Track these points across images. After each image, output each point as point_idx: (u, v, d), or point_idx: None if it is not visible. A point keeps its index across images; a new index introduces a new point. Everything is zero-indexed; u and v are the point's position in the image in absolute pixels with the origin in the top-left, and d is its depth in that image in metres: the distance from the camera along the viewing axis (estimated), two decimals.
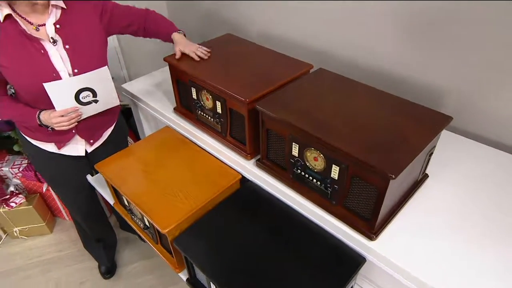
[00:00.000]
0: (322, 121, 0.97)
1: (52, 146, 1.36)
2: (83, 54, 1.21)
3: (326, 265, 0.97)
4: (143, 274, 1.93)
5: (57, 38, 1.17)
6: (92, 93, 1.22)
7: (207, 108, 1.27)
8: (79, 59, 1.20)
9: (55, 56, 1.17)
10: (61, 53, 1.18)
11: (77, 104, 1.22)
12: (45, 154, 1.38)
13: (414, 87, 1.36)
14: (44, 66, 1.16)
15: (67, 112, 1.20)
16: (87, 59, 1.22)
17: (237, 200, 1.19)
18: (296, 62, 1.27)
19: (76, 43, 1.20)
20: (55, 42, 1.17)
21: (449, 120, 0.96)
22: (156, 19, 1.42)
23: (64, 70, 1.19)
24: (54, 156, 1.38)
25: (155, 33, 1.43)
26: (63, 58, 1.18)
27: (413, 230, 0.96)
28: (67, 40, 1.18)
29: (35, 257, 2.05)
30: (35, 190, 2.10)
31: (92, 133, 1.39)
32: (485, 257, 0.88)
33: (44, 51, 1.15)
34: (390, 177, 0.80)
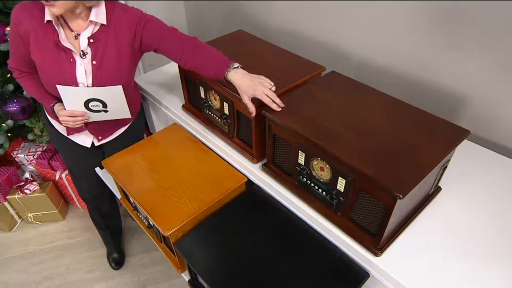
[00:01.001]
0: (330, 130, 0.93)
1: (63, 130, 1.40)
2: (107, 73, 1.20)
3: (328, 277, 0.95)
4: (150, 265, 1.95)
5: (87, 51, 1.17)
6: (102, 104, 1.22)
7: (214, 108, 1.25)
8: (101, 76, 1.20)
9: (80, 68, 1.18)
10: (86, 67, 1.18)
11: (86, 110, 1.22)
12: (59, 134, 1.42)
13: (431, 90, 1.29)
14: (68, 73, 1.18)
15: (74, 114, 1.22)
16: (109, 79, 1.20)
17: (242, 204, 1.17)
18: (307, 64, 1.22)
19: (103, 60, 1.18)
20: (85, 55, 1.17)
21: (466, 134, 0.90)
22: (197, 51, 1.15)
23: (83, 83, 1.20)
24: (67, 139, 1.42)
25: (197, 69, 1.16)
26: (87, 72, 1.19)
27: (420, 248, 0.92)
28: (96, 55, 1.17)
29: (48, 243, 2.11)
30: (48, 177, 2.14)
31: (102, 131, 1.40)
32: (497, 281, 0.83)
33: (73, 60, 1.17)
34: (397, 196, 0.76)
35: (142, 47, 1.23)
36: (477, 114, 1.21)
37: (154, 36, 1.20)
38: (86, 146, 1.43)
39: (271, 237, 1.06)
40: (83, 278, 1.92)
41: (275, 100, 1.01)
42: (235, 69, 1.07)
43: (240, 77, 1.04)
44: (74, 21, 1.15)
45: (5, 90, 1.77)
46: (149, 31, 1.19)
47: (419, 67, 1.30)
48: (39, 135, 2.06)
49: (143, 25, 1.19)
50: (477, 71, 1.15)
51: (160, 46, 1.20)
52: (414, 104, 1.01)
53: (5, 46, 1.68)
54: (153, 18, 1.21)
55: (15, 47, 1.20)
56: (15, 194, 2.04)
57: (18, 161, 2.22)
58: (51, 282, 1.91)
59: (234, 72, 1.06)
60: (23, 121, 1.98)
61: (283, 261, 0.99)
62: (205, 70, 1.13)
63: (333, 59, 1.57)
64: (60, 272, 1.95)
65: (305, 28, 1.62)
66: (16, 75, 1.28)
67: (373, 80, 1.44)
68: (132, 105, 1.40)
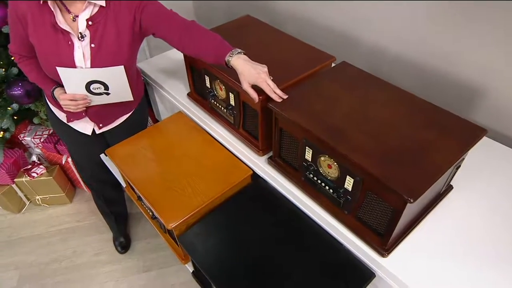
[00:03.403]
0: (339, 126, 0.90)
1: (63, 117, 1.37)
2: (106, 56, 1.15)
3: (333, 274, 0.94)
4: (156, 249, 1.97)
5: (86, 33, 1.13)
6: (104, 86, 1.18)
7: (220, 98, 1.21)
8: (100, 60, 1.15)
9: (78, 51, 1.14)
10: (84, 50, 1.14)
11: (87, 93, 1.19)
12: (60, 121, 1.40)
13: (446, 81, 1.23)
14: (66, 56, 1.14)
15: (75, 97, 1.19)
16: (108, 62, 1.16)
17: (246, 197, 1.15)
18: (317, 53, 1.17)
19: (102, 43, 1.14)
20: (83, 37, 1.13)
21: (482, 134, 0.86)
22: (195, 36, 1.11)
23: (82, 67, 1.16)
24: (67, 126, 1.40)
25: (197, 54, 1.13)
26: (85, 55, 1.15)
27: (429, 249, 0.89)
28: (95, 38, 1.13)
29: (55, 226, 2.13)
30: (55, 161, 2.15)
31: (103, 119, 1.37)
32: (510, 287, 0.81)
33: (71, 42, 1.13)
34: (408, 201, 0.73)
35: (142, 30, 1.19)
36: (495, 107, 1.15)
37: (153, 19, 1.16)
38: (86, 133, 1.41)
39: (275, 232, 1.04)
40: (90, 260, 1.95)
41: (276, 90, 0.99)
42: (238, 54, 1.02)
43: (242, 62, 1.00)
44: (72, 3, 1.10)
45: (10, 73, 1.74)
46: (147, 14, 1.15)
47: (434, 56, 1.23)
48: (44, 119, 2.05)
49: (142, 8, 1.15)
50: (497, 62, 1.09)
51: (158, 30, 1.16)
52: (428, 96, 0.97)
53: (7, 28, 1.65)
54: (153, 1, 1.17)
55: (14, 31, 1.16)
56: (23, 177, 2.05)
57: (25, 143, 2.22)
58: (59, 264, 1.94)
59: (237, 58, 1.02)
60: (28, 105, 1.97)
61: (287, 257, 0.98)
62: (205, 55, 1.09)
63: (343, 46, 1.50)
64: (67, 254, 1.98)
65: (315, 13, 1.55)
66: (16, 59, 1.25)
67: (384, 69, 1.38)
68: (134, 92, 1.37)
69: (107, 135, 1.46)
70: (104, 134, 1.45)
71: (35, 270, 1.92)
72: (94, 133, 1.41)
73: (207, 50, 1.08)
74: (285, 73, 1.08)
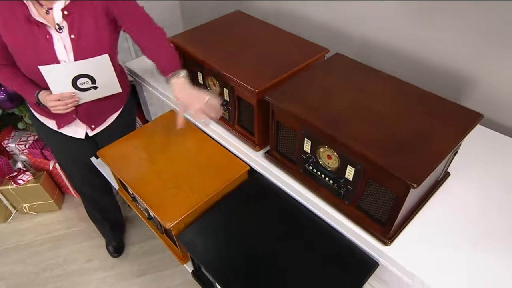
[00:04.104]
0: (337, 116, 0.89)
1: (53, 124, 1.33)
2: (88, 46, 1.12)
3: (336, 266, 0.93)
4: (151, 253, 1.94)
5: (63, 25, 1.09)
6: (91, 80, 1.15)
7: None
8: (83, 50, 1.12)
9: (58, 44, 1.10)
10: (65, 41, 1.10)
11: (74, 89, 1.15)
12: (49, 129, 1.35)
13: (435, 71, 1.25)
14: (46, 52, 1.09)
15: (63, 96, 1.15)
16: (91, 52, 1.12)
17: (244, 193, 1.13)
18: (310, 46, 1.17)
19: (82, 33, 1.10)
20: (61, 29, 1.09)
21: (479, 118, 0.87)
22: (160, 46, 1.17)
23: (65, 60, 1.12)
24: (57, 133, 1.35)
25: (151, 59, 1.19)
26: (67, 47, 1.11)
27: (430, 236, 0.90)
28: (73, 28, 1.09)
29: (44, 233, 2.08)
30: (42, 167, 2.09)
31: (94, 119, 1.33)
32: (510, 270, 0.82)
33: (49, 36, 1.09)
34: (411, 186, 0.73)
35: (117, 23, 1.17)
36: (482, 95, 1.17)
37: (121, 12, 1.14)
38: (79, 137, 1.37)
39: (275, 226, 1.03)
40: (82, 267, 1.90)
41: (209, 113, 1.06)
42: (180, 77, 1.10)
43: (181, 86, 1.08)
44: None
45: None
46: (117, 5, 1.13)
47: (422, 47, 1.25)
48: (29, 123, 1.99)
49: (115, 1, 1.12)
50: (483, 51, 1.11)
51: (125, 24, 1.16)
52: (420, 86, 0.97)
53: None
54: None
55: None
56: (8, 184, 1.98)
57: (9, 150, 2.16)
58: (50, 273, 1.88)
59: (177, 79, 1.09)
60: (12, 110, 1.91)
61: (289, 251, 0.97)
62: (159, 65, 1.16)
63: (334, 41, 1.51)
64: (58, 262, 1.93)
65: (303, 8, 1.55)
66: None
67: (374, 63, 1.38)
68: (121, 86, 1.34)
69: (98, 138, 1.42)
70: (95, 138, 1.41)
71: (24, 280, 1.86)
72: (87, 136, 1.38)
73: (162, 61, 1.15)
74: (279, 66, 1.07)
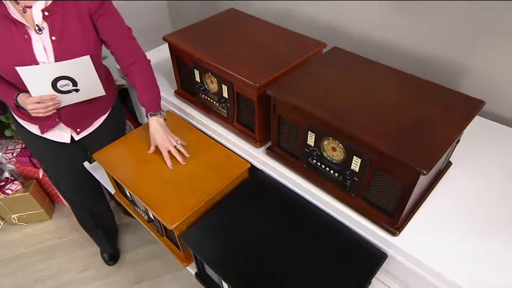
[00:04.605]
0: (341, 108, 0.89)
1: (36, 129, 1.28)
2: (71, 48, 1.08)
3: (344, 260, 0.92)
4: (148, 259, 1.89)
5: (43, 26, 1.04)
6: (72, 82, 1.10)
7: (212, 92, 1.18)
8: (64, 53, 1.07)
9: (37, 45, 1.05)
10: (45, 43, 1.06)
11: (55, 92, 1.10)
12: (33, 135, 1.30)
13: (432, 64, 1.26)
14: (25, 53, 1.05)
15: (43, 99, 1.09)
16: (73, 55, 1.08)
17: (247, 191, 1.11)
18: (307, 40, 1.17)
19: (64, 35, 1.06)
20: (41, 30, 1.04)
21: (481, 105, 0.88)
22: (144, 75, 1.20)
23: (45, 62, 1.07)
24: (41, 138, 1.30)
25: (134, 88, 1.21)
26: (47, 49, 1.06)
27: (436, 225, 0.89)
28: (54, 30, 1.05)
29: (35, 244, 2.01)
30: (31, 176, 2.02)
31: (79, 122, 1.29)
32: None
33: (27, 36, 1.04)
34: (421, 172, 0.73)
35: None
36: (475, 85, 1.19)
37: (108, 34, 1.14)
38: (65, 142, 1.32)
39: (280, 222, 1.01)
40: (76, 278, 1.84)
41: (175, 156, 1.13)
42: (160, 117, 1.16)
43: (158, 126, 1.13)
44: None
45: None
46: (104, 25, 1.13)
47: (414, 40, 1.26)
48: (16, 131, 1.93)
49: (99, 16, 1.11)
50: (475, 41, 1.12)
51: (110, 46, 1.17)
52: None
53: None
54: (115, 14, 1.15)
55: None
56: None
57: None
58: (43, 285, 1.82)
59: (157, 119, 1.14)
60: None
61: (295, 246, 0.95)
62: (139, 95, 1.18)
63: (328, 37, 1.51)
64: (51, 273, 1.87)
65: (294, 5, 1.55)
66: None
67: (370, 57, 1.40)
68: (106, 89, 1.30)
69: (86, 142, 1.38)
70: (82, 142, 1.37)
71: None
72: (73, 140, 1.33)
73: (144, 95, 1.18)
74: (278, 61, 1.06)
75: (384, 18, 1.30)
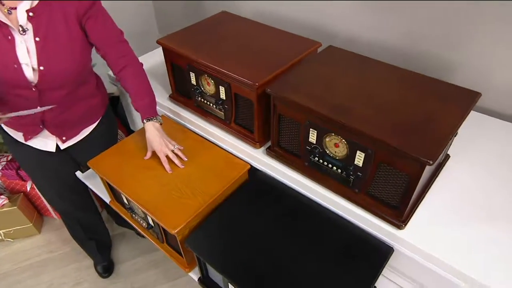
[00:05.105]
0: (341, 104, 0.89)
1: (21, 136, 1.24)
2: (54, 51, 1.05)
3: (351, 256, 0.91)
4: (144, 270, 1.84)
5: (27, 27, 1.02)
6: None
7: (208, 94, 1.17)
8: (48, 55, 1.04)
9: (21, 46, 1.02)
10: (28, 44, 1.03)
11: None
12: (18, 143, 1.26)
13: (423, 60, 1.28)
14: (7, 54, 1.02)
15: None
16: (58, 57, 1.06)
17: (247, 192, 1.10)
18: (302, 40, 1.17)
19: (49, 37, 1.03)
20: (24, 31, 1.01)
21: (478, 96, 0.89)
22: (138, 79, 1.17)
23: (28, 64, 1.04)
24: (27, 147, 1.26)
25: (128, 93, 1.18)
26: (30, 50, 1.03)
27: (441, 216, 0.90)
28: (39, 31, 1.02)
29: (24, 261, 1.93)
30: (18, 189, 1.95)
31: (64, 130, 1.25)
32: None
33: (11, 37, 1.01)
34: (427, 163, 0.73)
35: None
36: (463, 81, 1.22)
37: (98, 38, 1.12)
38: (50, 150, 1.27)
39: (283, 222, 1.01)
40: None
41: (173, 160, 1.12)
42: (156, 122, 1.14)
43: (154, 131, 1.12)
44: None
45: None
46: (93, 29, 1.10)
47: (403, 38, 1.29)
48: (1, 143, 1.87)
49: (88, 18, 1.08)
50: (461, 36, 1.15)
51: (101, 48, 1.14)
52: None
53: None
54: (105, 16, 1.13)
55: None
56: None
57: None
58: None
59: (153, 124, 1.13)
60: None
61: (300, 245, 0.95)
62: (134, 100, 1.15)
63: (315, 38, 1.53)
64: None
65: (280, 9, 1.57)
66: None
67: None
68: (95, 98, 1.28)
69: (73, 151, 1.34)
70: (69, 151, 1.33)
71: None
72: (59, 149, 1.29)
73: (140, 99, 1.15)
74: (275, 61, 1.06)
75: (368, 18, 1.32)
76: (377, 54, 1.37)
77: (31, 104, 1.12)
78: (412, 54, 1.29)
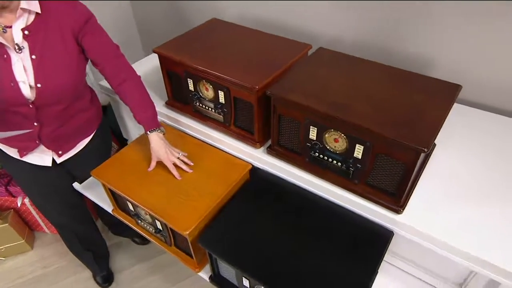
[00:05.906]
0: (338, 102, 0.96)
1: (15, 152, 1.24)
2: (51, 68, 1.06)
3: (355, 244, 0.98)
4: (143, 276, 1.85)
5: (23, 45, 1.02)
6: None
7: (207, 99, 1.21)
8: (44, 72, 1.05)
9: (17, 65, 1.03)
10: (25, 62, 1.03)
11: None
12: (13, 159, 1.25)
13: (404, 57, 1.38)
14: (3, 72, 1.02)
15: None
16: (54, 74, 1.07)
17: (250, 191, 1.15)
18: (293, 43, 1.24)
19: (45, 54, 1.04)
20: (20, 49, 1.02)
21: (459, 88, 0.98)
22: (138, 92, 1.19)
23: (25, 82, 1.04)
24: (22, 162, 1.25)
25: (128, 106, 1.20)
26: (27, 68, 1.04)
27: (435, 199, 0.98)
28: (35, 49, 1.03)
29: (17, 279, 1.89)
30: (7, 206, 1.91)
31: (61, 144, 1.26)
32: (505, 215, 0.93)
33: (7, 56, 1.01)
34: (422, 150, 0.81)
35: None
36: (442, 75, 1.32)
37: (95, 54, 1.14)
38: (46, 165, 1.28)
39: (288, 217, 1.06)
40: None
41: (181, 166, 1.16)
42: (160, 132, 1.18)
43: (159, 141, 1.15)
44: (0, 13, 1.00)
45: None
46: (90, 45, 1.12)
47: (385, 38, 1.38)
48: None
49: (84, 34, 1.10)
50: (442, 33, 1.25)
51: (99, 64, 1.16)
52: None
53: None
54: (101, 32, 1.15)
55: None
56: None
57: None
58: None
59: (157, 134, 1.16)
60: None
61: (305, 237, 1.01)
62: (136, 113, 1.18)
63: None
64: None
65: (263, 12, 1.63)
66: None
67: None
68: (90, 110, 1.30)
69: (69, 165, 1.35)
70: (65, 165, 1.34)
71: None
72: (55, 163, 1.30)
73: (141, 112, 1.18)
74: (270, 64, 1.12)
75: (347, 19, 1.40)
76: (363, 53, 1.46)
77: (28, 120, 1.13)
78: (393, 52, 1.39)
